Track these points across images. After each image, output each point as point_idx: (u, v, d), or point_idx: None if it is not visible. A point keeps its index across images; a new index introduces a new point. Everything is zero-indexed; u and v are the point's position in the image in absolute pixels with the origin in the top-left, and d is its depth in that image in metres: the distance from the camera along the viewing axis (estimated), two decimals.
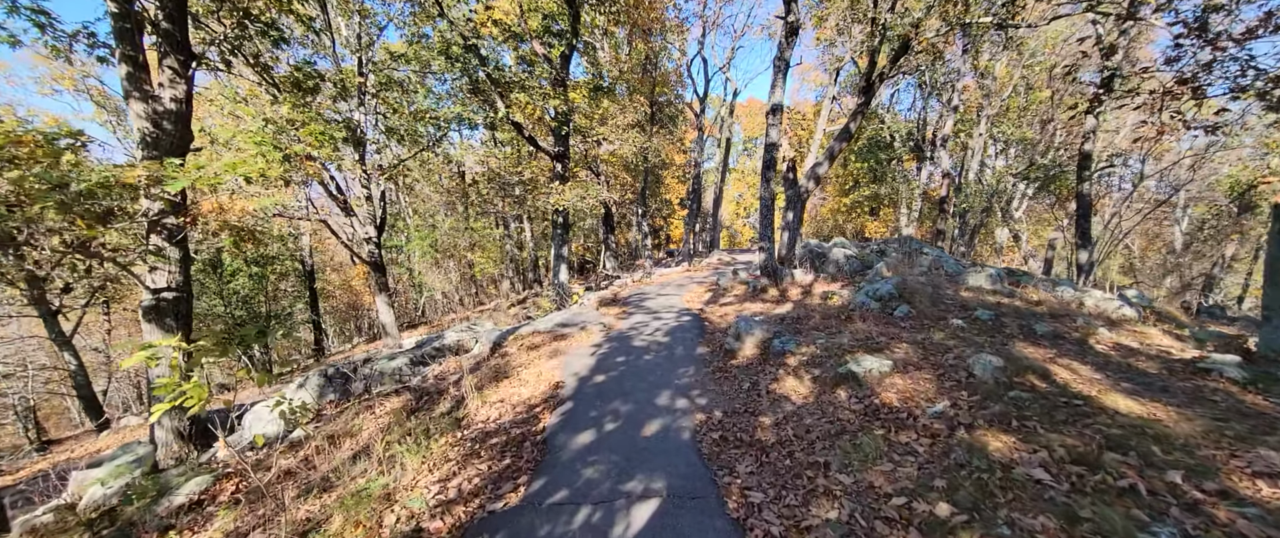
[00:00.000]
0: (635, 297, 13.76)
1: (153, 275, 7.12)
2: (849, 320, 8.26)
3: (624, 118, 14.36)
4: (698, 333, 9.11)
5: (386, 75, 16.53)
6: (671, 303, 12.60)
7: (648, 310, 11.56)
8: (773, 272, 12.16)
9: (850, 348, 6.68)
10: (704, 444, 4.96)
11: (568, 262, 16.09)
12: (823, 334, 7.58)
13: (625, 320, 10.43)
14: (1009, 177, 21.46)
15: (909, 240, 14.65)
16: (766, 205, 12.16)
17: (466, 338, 9.74)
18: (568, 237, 16.21)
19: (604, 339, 8.78)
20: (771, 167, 12.02)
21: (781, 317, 9.22)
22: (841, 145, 15.25)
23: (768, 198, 12.14)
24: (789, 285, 11.88)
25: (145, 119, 6.91)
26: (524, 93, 12.65)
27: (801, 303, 10.46)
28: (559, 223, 15.89)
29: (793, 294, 11.36)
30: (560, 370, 7.34)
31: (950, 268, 11.43)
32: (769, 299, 11.35)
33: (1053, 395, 4.62)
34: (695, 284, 15.80)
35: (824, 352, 6.76)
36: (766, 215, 12.18)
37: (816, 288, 11.36)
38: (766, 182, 12.09)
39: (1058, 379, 4.95)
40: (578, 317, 10.06)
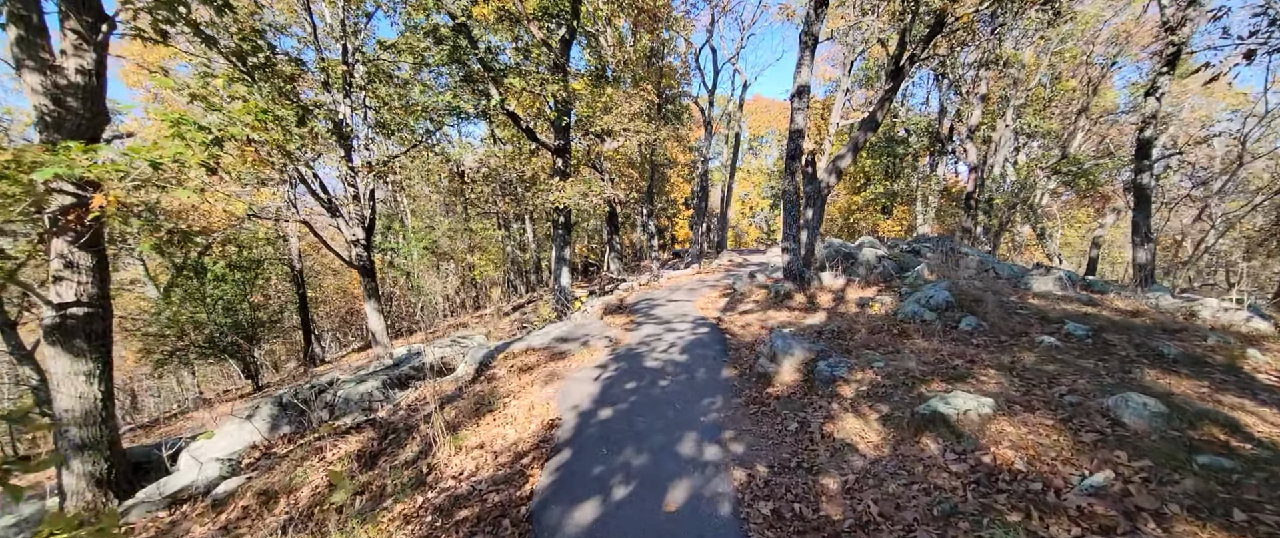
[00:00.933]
0: (643, 303, 12.30)
1: (56, 287, 5.69)
2: (904, 336, 6.76)
3: (629, 106, 12.87)
4: (720, 350, 7.62)
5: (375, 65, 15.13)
6: (684, 310, 11.12)
7: (658, 320, 10.09)
8: (798, 275, 10.66)
9: (922, 375, 5.19)
10: (752, 524, 3.48)
11: (570, 265, 14.64)
12: (878, 354, 6.09)
13: (634, 333, 8.96)
14: (1038, 170, 19.88)
15: (944, 239, 13.14)
16: (791, 201, 10.67)
17: (452, 354, 8.29)
18: (570, 238, 14.75)
19: (610, 358, 7.31)
20: (796, 157, 10.54)
21: (818, 330, 7.73)
22: (866, 136, 13.79)
23: (792, 192, 10.65)
24: (817, 291, 10.38)
25: (43, 94, 5.49)
26: (520, 79, 11.19)
27: (836, 311, 8.96)
28: (560, 223, 14.43)
29: (823, 301, 9.86)
30: (556, 401, 5.87)
31: (1003, 270, 9.91)
32: (796, 307, 9.86)
33: (1268, 461, 3.12)
34: (707, 288, 14.31)
35: (888, 380, 5.27)
36: (791, 212, 10.70)
37: (850, 293, 9.85)
38: (791, 174, 10.60)
39: (1256, 433, 3.45)
40: (580, 329, 8.59)
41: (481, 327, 17.72)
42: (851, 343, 6.82)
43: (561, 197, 12.08)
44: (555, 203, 12.16)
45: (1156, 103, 11.78)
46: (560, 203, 12.15)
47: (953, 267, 10.32)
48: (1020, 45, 19.67)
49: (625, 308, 11.79)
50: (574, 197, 12.26)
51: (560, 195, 12.06)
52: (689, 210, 41.82)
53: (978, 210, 18.79)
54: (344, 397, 6.75)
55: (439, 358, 8.15)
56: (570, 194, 12.22)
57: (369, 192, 15.47)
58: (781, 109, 50.11)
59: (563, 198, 12.06)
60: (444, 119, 13.82)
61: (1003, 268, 9.96)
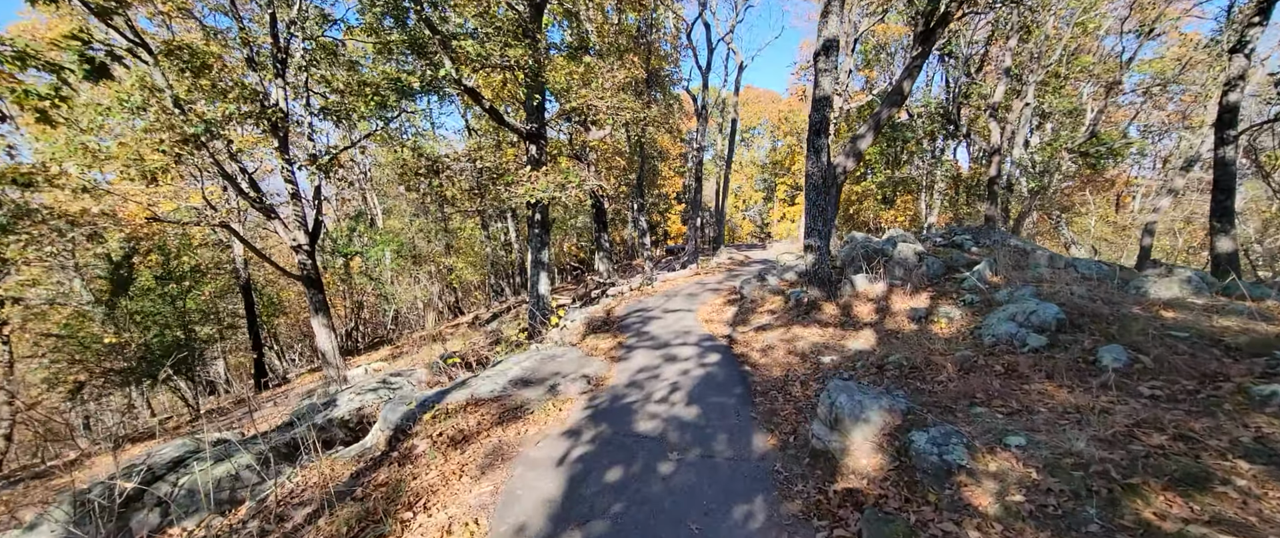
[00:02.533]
0: (635, 316, 9.95)
1: None
2: (1015, 376, 4.47)
3: (614, 76, 10.46)
4: (742, 394, 5.29)
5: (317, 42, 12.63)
6: (685, 326, 8.79)
7: (654, 342, 7.74)
8: (826, 280, 8.33)
9: (1116, 470, 2.88)
10: None
11: (548, 269, 12.25)
12: (997, 414, 3.79)
13: (622, 364, 6.60)
14: (1063, 152, 17.67)
15: (986, 230, 10.87)
16: (816, 186, 8.34)
17: (374, 404, 5.89)
18: (548, 238, 12.35)
19: (586, 417, 4.95)
20: (824, 131, 8.20)
21: (875, 362, 5.42)
22: (890, 111, 11.52)
23: (817, 176, 8.32)
24: (852, 299, 8.06)
25: None
26: (475, 43, 8.74)
27: (886, 330, 6.65)
28: (536, 222, 12.02)
29: (862, 313, 7.54)
30: (492, 514, 3.49)
31: (1089, 269, 7.63)
32: (829, 321, 7.53)
33: None
34: (709, 293, 11.98)
35: (1053, 477, 2.96)
36: (817, 202, 8.36)
37: (896, 303, 7.54)
38: (816, 153, 8.26)
39: None
40: (549, 363, 6.21)
41: (457, 340, 15.33)
42: (940, 389, 4.50)
43: (533, 189, 9.67)
44: (526, 197, 9.75)
45: (1245, 61, 9.54)
46: (532, 197, 9.74)
47: (1018, 264, 8.04)
48: (1039, 15, 17.43)
49: (613, 323, 9.43)
50: (549, 189, 9.86)
51: (531, 188, 9.65)
52: (681, 205, 39.43)
53: (1002, 197, 16.56)
54: (187, 488, 4.35)
55: (356, 410, 5.75)
56: (544, 186, 9.81)
57: (314, 190, 13.00)
58: (772, 99, 47.76)
59: (535, 191, 9.65)
60: (390, 98, 11.33)
61: (1087, 266, 7.69)
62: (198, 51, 10.06)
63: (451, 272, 21.63)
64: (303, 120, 13.34)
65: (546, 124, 12.01)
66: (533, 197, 9.88)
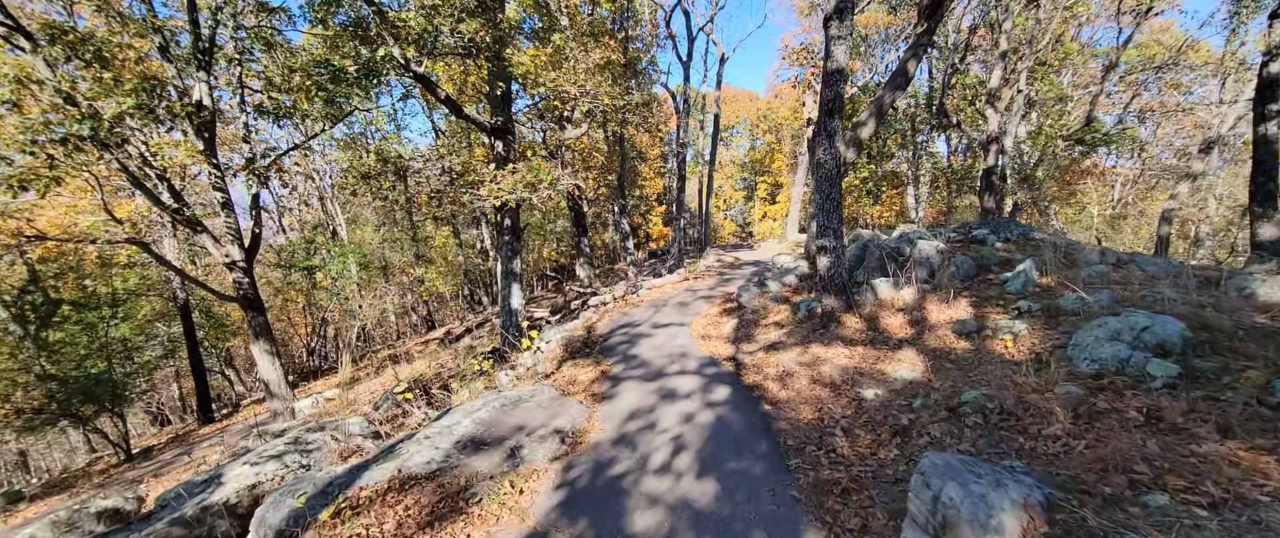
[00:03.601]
0: (621, 333, 8.45)
1: None
2: (1166, 426, 3.09)
3: (588, 56, 8.93)
4: (771, 456, 3.87)
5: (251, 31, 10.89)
6: (680, 345, 7.32)
7: (644, 370, 6.26)
8: (841, 286, 6.92)
9: None
10: None
11: (521, 279, 10.68)
12: (1198, 507, 2.36)
13: (607, 406, 5.10)
14: (1058, 139, 16.67)
15: (1008, 222, 9.61)
16: (829, 176, 6.93)
17: (273, 477, 4.28)
18: (520, 245, 10.77)
19: (556, 505, 3.44)
20: (837, 111, 6.80)
21: (943, 402, 4.01)
22: (895, 95, 10.25)
23: (830, 164, 6.92)
24: (877, 309, 6.67)
25: None
26: (421, 15, 7.14)
27: (925, 347, 5.27)
28: (506, 227, 10.45)
29: (892, 326, 6.15)
30: None
31: (1154, 267, 6.35)
32: (853, 337, 6.12)
33: None
34: (702, 301, 10.53)
35: None
36: (829, 195, 6.95)
37: (932, 313, 6.16)
38: (829, 136, 6.86)
39: None
40: (512, 413, 4.65)
41: (424, 359, 13.63)
42: (1062, 452, 3.09)
43: (497, 190, 8.10)
44: (490, 199, 8.17)
45: None
46: (496, 199, 8.17)
47: (1068, 262, 6.73)
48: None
49: (595, 343, 7.90)
50: (517, 190, 8.30)
51: (496, 189, 8.08)
52: (662, 206, 38.00)
53: (1001, 187, 15.46)
54: None
55: (248, 489, 4.14)
56: (511, 186, 8.25)
57: (252, 199, 11.20)
58: (750, 98, 46.69)
59: (500, 191, 8.08)
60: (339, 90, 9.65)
61: (1149, 262, 6.42)
62: (90, 37, 8.26)
63: (422, 283, 19.84)
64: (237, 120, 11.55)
65: (514, 118, 10.45)
66: (498, 198, 8.30)
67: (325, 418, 6.47)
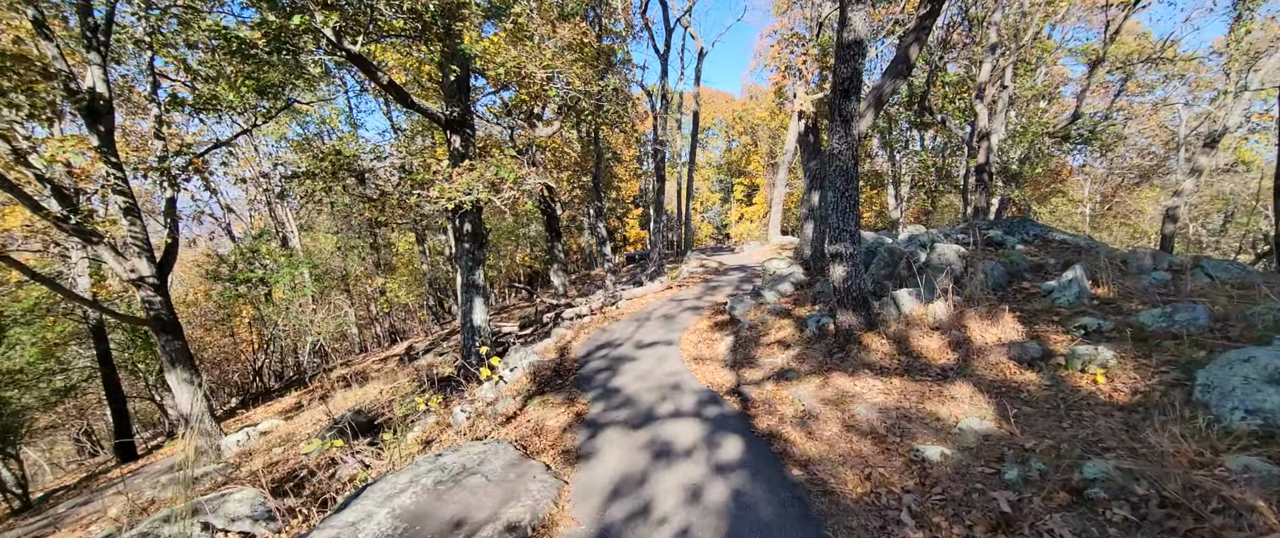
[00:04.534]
0: (599, 356, 7.16)
1: None
2: None
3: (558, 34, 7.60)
4: None
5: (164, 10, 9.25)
6: (671, 371, 6.07)
7: (630, 411, 4.99)
8: (861, 300, 5.75)
9: None
10: None
11: (484, 292, 9.27)
12: None
13: (584, 472, 3.88)
14: (1044, 137, 16.00)
15: (1022, 222, 8.62)
16: (845, 171, 5.75)
17: None
18: (483, 254, 9.37)
19: None
20: (854, 91, 5.64)
21: (1055, 475, 2.84)
22: (895, 83, 9.24)
23: (847, 155, 5.74)
24: (903, 327, 5.52)
25: None
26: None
27: (981, 380, 4.14)
28: (466, 234, 9.04)
29: (929, 350, 5.01)
30: None
31: (1228, 273, 5.35)
32: (882, 364, 4.96)
33: None
34: (689, 313, 9.31)
35: None
36: (845, 192, 5.77)
37: (975, 332, 5.03)
38: (845, 121, 5.69)
39: None
40: (452, 497, 3.29)
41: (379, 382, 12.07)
42: None
43: (450, 190, 6.71)
44: (441, 200, 6.78)
45: None
46: (449, 201, 6.78)
47: (1119, 270, 5.70)
48: None
49: (568, 371, 6.57)
50: (475, 190, 6.92)
51: (448, 188, 6.69)
52: (639, 209, 36.74)
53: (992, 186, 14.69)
54: None
55: None
56: (467, 185, 6.88)
57: (167, 203, 9.52)
58: (726, 99, 45.86)
59: (452, 192, 6.69)
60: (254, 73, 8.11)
61: (1218, 268, 5.42)
62: None
63: (383, 294, 18.13)
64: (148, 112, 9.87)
65: (474, 111, 9.05)
66: (451, 200, 6.90)
67: (213, 491, 5.01)
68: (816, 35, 17.13)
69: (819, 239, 10.86)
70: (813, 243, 10.79)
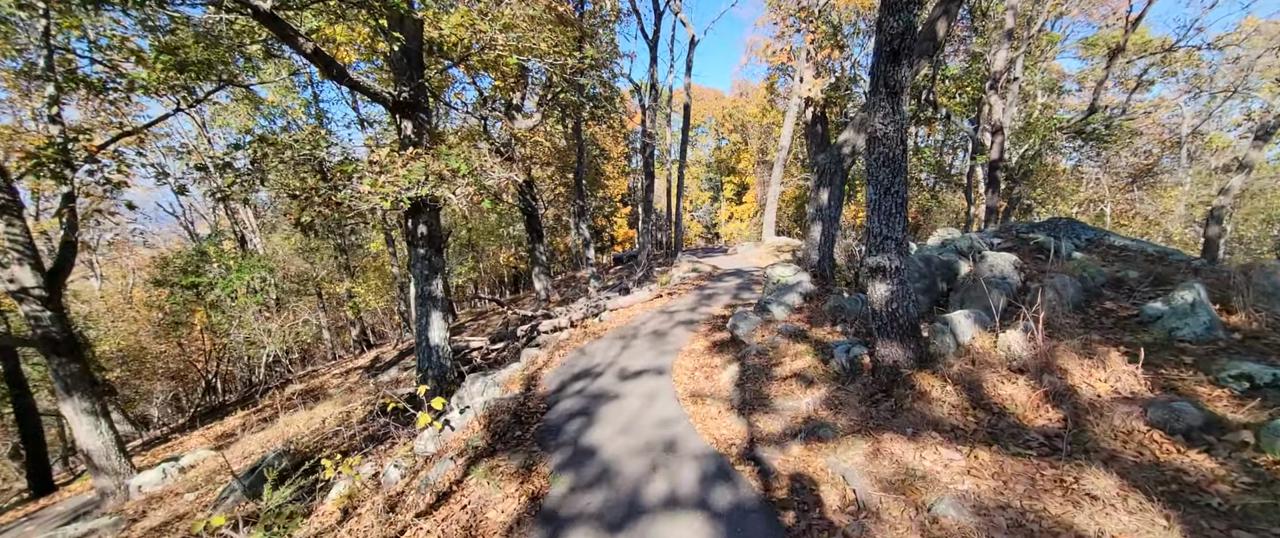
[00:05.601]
0: (575, 390, 5.71)
1: None
2: None
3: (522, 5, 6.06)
4: None
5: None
6: (665, 419, 4.64)
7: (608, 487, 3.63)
8: (910, 328, 4.32)
9: None
10: None
11: (440, 304, 7.74)
12: None
13: None
14: (1057, 133, 14.76)
15: (1069, 225, 7.26)
16: (890, 158, 4.32)
17: None
18: (441, 260, 7.82)
19: None
20: (906, 53, 4.19)
21: None
22: (920, 66, 7.94)
23: (895, 137, 4.30)
24: (967, 366, 4.10)
25: None
26: None
27: (1115, 456, 2.70)
28: (420, 237, 7.49)
29: (1011, 400, 3.60)
30: None
31: None
32: (950, 421, 3.54)
33: None
34: (682, 329, 7.86)
35: None
36: (888, 184, 4.34)
37: (1076, 375, 3.63)
38: (892, 94, 4.26)
39: None
40: None
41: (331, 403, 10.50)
42: None
43: (386, 185, 5.18)
44: (374, 196, 5.24)
45: None
46: (384, 197, 5.25)
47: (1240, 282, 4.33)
48: None
49: (533, 415, 5.08)
50: (420, 183, 5.40)
51: (383, 183, 5.16)
52: (627, 207, 35.20)
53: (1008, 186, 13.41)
54: None
55: None
56: (410, 178, 5.35)
57: (63, 199, 7.83)
58: (715, 97, 44.44)
59: (388, 187, 5.17)
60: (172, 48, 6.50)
61: None
62: None
63: (351, 297, 16.48)
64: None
65: (427, 89, 7.48)
66: (386, 196, 5.36)
67: None
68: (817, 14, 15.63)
69: (827, 243, 9.46)
70: (820, 247, 9.38)
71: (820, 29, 11.48)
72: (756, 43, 31.95)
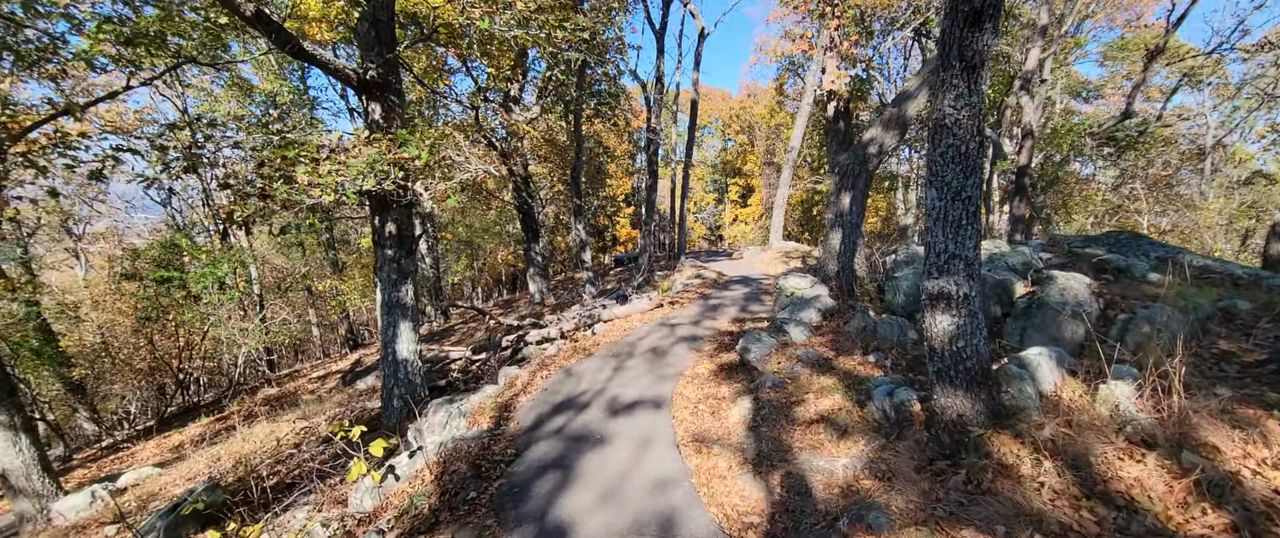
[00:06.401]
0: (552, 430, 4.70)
1: None
2: None
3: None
4: None
5: None
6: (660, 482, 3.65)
7: None
8: (978, 374, 3.26)
9: None
10: None
11: (410, 313, 6.73)
12: None
13: None
14: (1086, 138, 13.67)
15: (1139, 239, 6.19)
16: (962, 154, 3.26)
17: None
18: (412, 264, 6.81)
19: None
20: (990, 13, 3.09)
21: None
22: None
23: (968, 124, 3.24)
24: (1071, 433, 3.03)
25: None
26: None
27: None
28: (388, 237, 6.49)
29: (1153, 496, 2.52)
30: None
31: None
32: (1065, 523, 2.45)
33: None
34: (685, 347, 6.82)
35: None
36: (959, 186, 3.29)
37: (1227, 452, 2.54)
38: (971, 69, 3.17)
39: None
40: None
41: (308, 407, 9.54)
42: None
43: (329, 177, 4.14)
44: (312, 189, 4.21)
45: None
46: (328, 191, 4.22)
47: None
48: None
49: (497, 466, 4.05)
50: (367, 174, 4.37)
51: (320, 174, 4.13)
52: (630, 207, 34.15)
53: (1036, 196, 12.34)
54: None
55: None
56: (360, 167, 4.32)
57: None
58: (722, 97, 43.28)
59: (329, 178, 4.13)
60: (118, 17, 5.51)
61: None
62: None
63: (338, 294, 15.50)
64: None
65: (399, 64, 6.47)
66: (328, 187, 4.34)
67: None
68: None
69: (848, 252, 8.40)
70: (840, 256, 8.33)
71: (847, 11, 10.38)
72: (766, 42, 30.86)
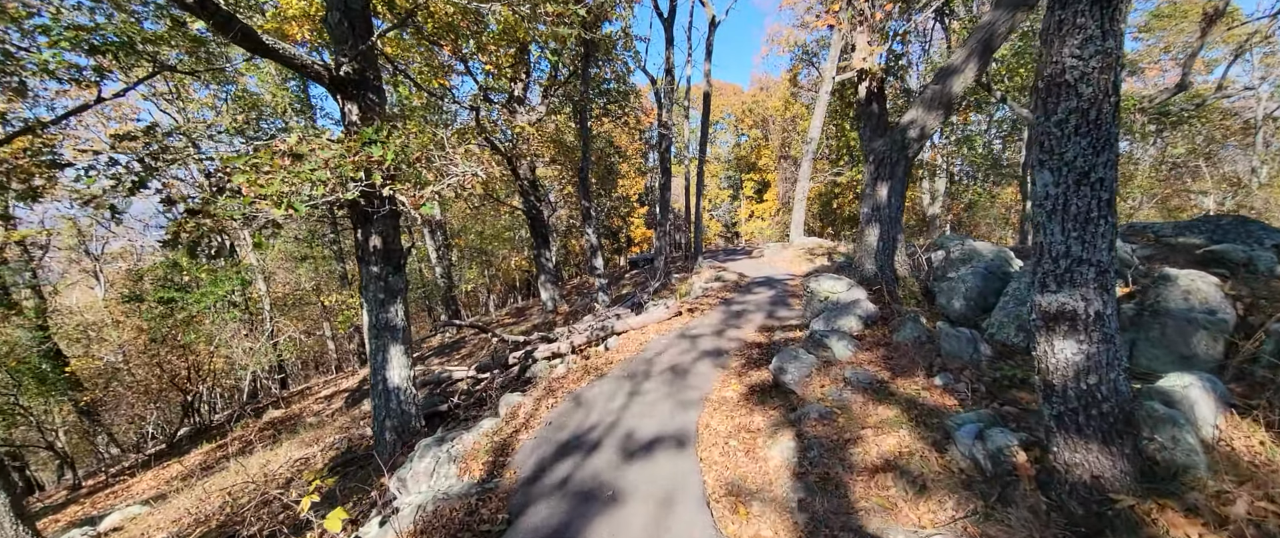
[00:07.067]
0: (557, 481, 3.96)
1: None
2: None
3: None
4: None
5: None
6: None
7: None
8: (1119, 421, 2.33)
9: None
10: None
11: (401, 335, 6.00)
12: None
13: None
14: (1135, 112, 12.41)
15: (1248, 223, 5.13)
16: (1094, 122, 2.34)
17: None
18: (401, 281, 6.07)
19: None
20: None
21: None
22: (1012, 20, 6.12)
23: (1103, 79, 2.31)
24: (1252, 510, 2.07)
25: None
26: None
27: None
28: (374, 252, 5.78)
29: None
30: None
31: None
32: None
33: None
34: (710, 365, 5.97)
35: None
36: (1087, 167, 2.38)
37: None
38: (1108, 3, 2.21)
39: None
40: None
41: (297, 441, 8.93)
42: None
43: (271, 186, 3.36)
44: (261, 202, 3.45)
45: None
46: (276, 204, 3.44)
47: None
48: None
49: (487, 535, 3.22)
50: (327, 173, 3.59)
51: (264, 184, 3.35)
52: (644, 207, 33.28)
53: None
54: None
55: None
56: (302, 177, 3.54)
57: None
58: (734, 92, 42.14)
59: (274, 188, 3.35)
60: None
61: None
62: None
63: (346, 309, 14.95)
64: None
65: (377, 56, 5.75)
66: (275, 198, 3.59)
67: None
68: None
69: (886, 249, 7.46)
70: (878, 254, 7.40)
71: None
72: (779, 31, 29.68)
